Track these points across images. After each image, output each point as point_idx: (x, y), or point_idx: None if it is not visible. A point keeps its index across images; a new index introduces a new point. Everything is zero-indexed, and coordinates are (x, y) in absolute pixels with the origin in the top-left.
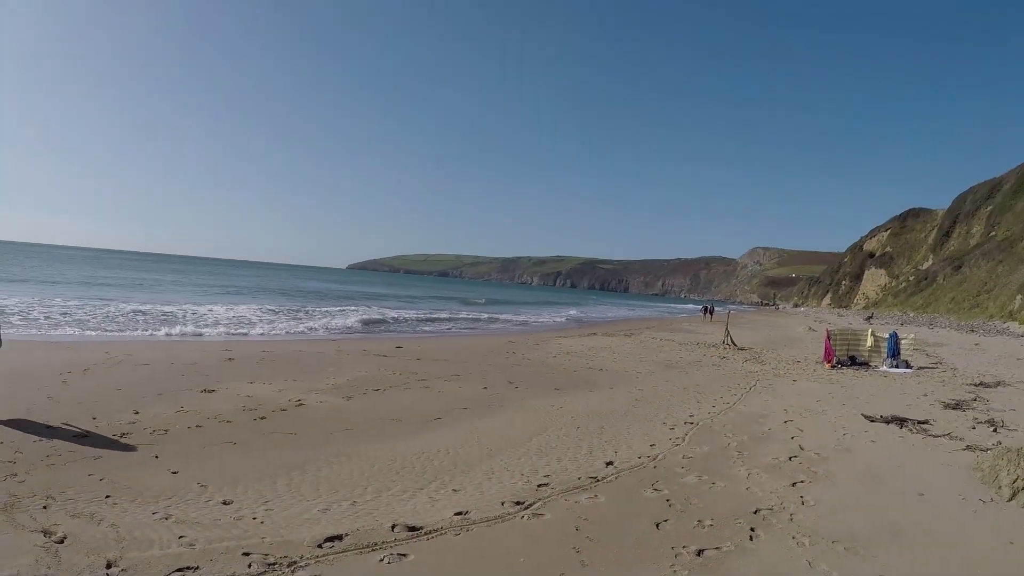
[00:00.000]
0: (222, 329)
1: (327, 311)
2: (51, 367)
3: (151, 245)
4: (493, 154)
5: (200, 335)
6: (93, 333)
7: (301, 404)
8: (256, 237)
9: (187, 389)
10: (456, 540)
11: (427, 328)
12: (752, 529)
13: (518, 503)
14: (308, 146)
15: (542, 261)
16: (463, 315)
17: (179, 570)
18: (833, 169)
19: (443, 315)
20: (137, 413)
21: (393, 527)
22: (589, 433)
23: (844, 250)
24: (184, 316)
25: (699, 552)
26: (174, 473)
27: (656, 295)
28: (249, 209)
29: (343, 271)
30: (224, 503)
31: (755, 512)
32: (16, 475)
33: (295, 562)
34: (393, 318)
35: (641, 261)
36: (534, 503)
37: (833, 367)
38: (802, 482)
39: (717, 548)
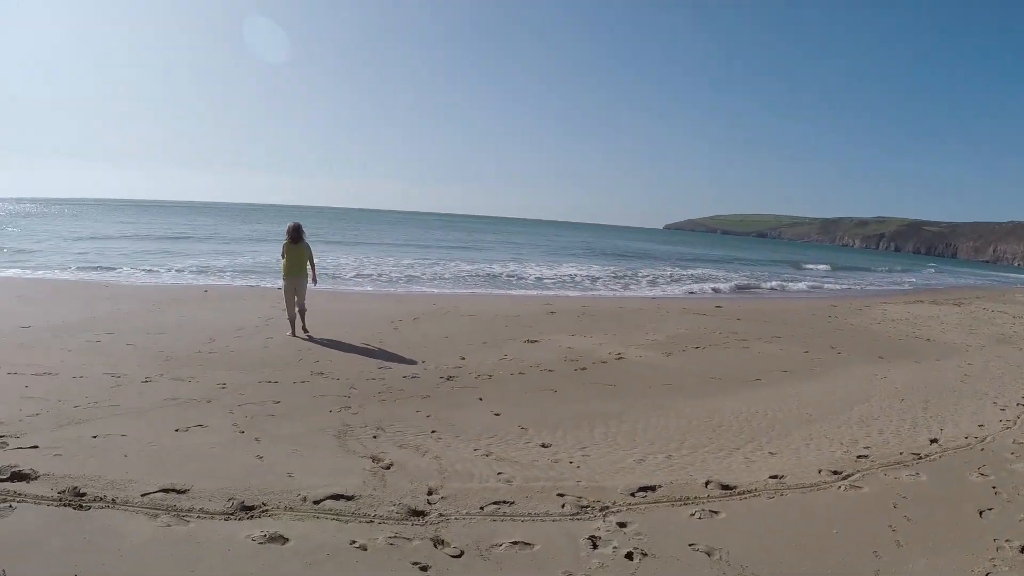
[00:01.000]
0: (546, 286)
1: (647, 272)
2: (384, 315)
3: (465, 207)
4: (812, 107)
5: (520, 292)
6: (422, 288)
7: (620, 357)
8: (573, 197)
9: (510, 339)
10: (769, 503)
11: (747, 290)
12: None
13: (835, 472)
14: (632, 102)
15: (864, 222)
16: (786, 276)
17: (495, 503)
18: None
19: (764, 277)
20: (463, 359)
21: (706, 484)
22: (913, 406)
23: None
24: (506, 274)
25: (1023, 549)
26: (496, 415)
27: (986, 262)
28: (567, 168)
29: (660, 231)
30: (543, 446)
31: None
32: (350, 408)
33: (607, 507)
34: (715, 279)
35: (971, 224)
36: (852, 474)
37: None
38: None
39: None
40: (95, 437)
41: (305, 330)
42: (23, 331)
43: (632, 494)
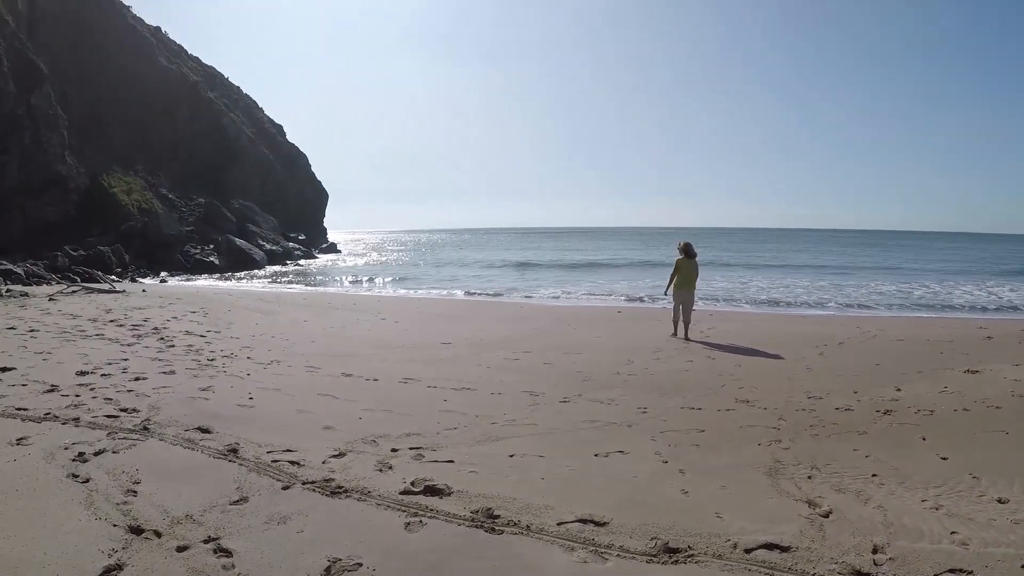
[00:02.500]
0: (977, 308)
1: None
2: (806, 339)
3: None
4: None
5: (947, 315)
6: (841, 311)
7: None
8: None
9: (947, 368)
10: None
11: None
12: None
13: None
14: None
15: None
16: None
17: (950, 571)
18: None
19: None
20: (899, 390)
21: None
22: None
23: None
24: (928, 295)
25: None
26: (943, 459)
27: None
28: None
29: None
30: (999, 501)
31: None
32: (780, 441)
33: None
34: None
35: None
36: None
37: None
38: None
39: None
40: (511, 456)
41: (687, 338)
42: (444, 347)
43: None
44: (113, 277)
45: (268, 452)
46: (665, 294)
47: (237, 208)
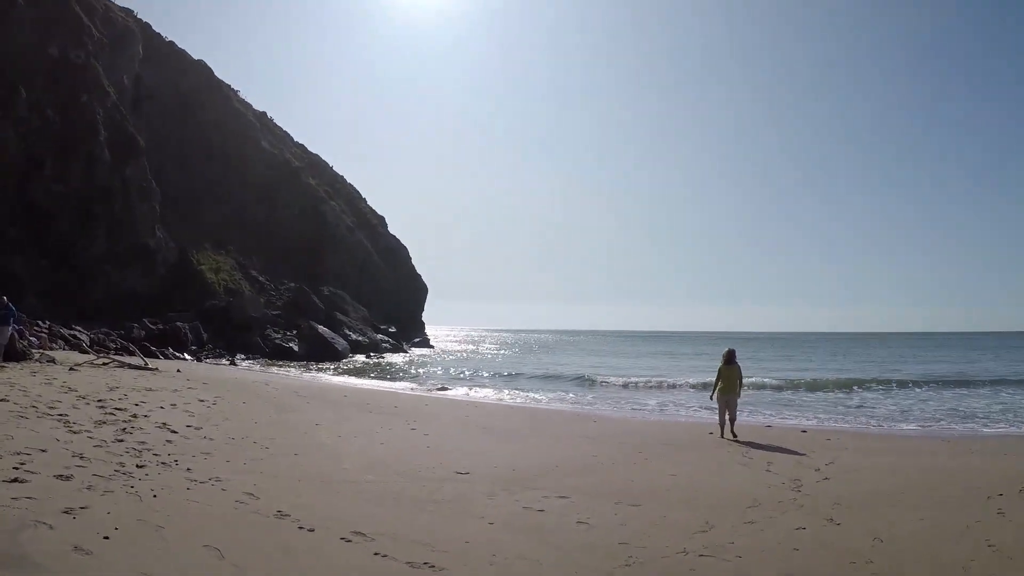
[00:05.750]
0: None
1: None
2: (969, 482)
3: None
4: None
5: None
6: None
7: None
8: None
9: None
10: None
11: None
12: None
13: None
14: None
15: None
16: None
17: None
18: None
19: None
20: None
21: None
22: None
23: None
24: None
25: None
26: None
27: None
28: None
29: None
30: None
31: None
32: None
33: None
34: None
35: None
36: None
37: None
38: None
39: None
40: None
41: (734, 435)
42: (455, 479)
43: None
44: (185, 355)
45: None
46: (711, 399)
47: (327, 295)
